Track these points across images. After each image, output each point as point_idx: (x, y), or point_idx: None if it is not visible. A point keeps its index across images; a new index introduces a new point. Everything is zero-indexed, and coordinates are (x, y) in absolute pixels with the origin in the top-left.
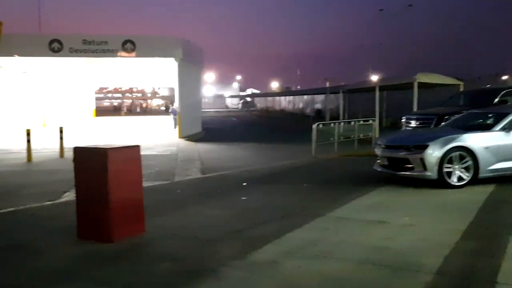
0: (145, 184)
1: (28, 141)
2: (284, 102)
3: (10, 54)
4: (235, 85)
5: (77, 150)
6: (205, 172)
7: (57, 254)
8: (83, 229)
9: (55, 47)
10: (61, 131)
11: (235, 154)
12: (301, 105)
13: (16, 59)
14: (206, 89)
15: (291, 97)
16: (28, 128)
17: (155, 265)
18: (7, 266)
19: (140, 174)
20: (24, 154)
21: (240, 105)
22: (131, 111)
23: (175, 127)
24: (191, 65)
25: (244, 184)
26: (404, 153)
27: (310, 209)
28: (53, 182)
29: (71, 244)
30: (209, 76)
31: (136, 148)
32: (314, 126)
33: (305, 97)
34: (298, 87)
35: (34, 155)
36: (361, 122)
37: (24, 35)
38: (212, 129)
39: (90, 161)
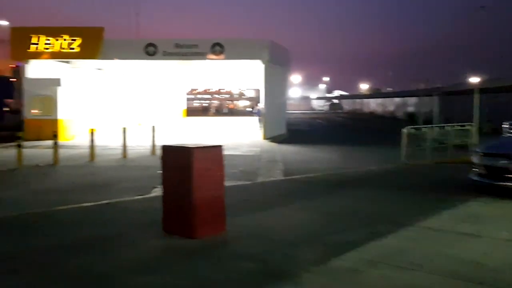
0: (228, 183)
1: (124, 138)
2: (374, 104)
3: (110, 57)
4: (322, 86)
5: (165, 148)
6: (288, 174)
7: (143, 246)
8: (168, 223)
9: (150, 51)
10: (153, 130)
11: (320, 156)
12: (392, 108)
13: (116, 62)
14: (292, 90)
15: (381, 100)
16: (124, 127)
17: (236, 264)
18: (99, 255)
19: (223, 173)
20: (120, 151)
21: (326, 107)
22: (218, 112)
23: (260, 128)
24: (277, 66)
25: (329, 187)
26: (504, 161)
27: (398, 217)
28: (144, 177)
29: (157, 237)
30: (296, 78)
31: (220, 148)
32: (405, 130)
33: (397, 99)
34: (389, 89)
35: (129, 151)
36: (457, 127)
37: (122, 40)
38: (297, 131)
39: (176, 159)
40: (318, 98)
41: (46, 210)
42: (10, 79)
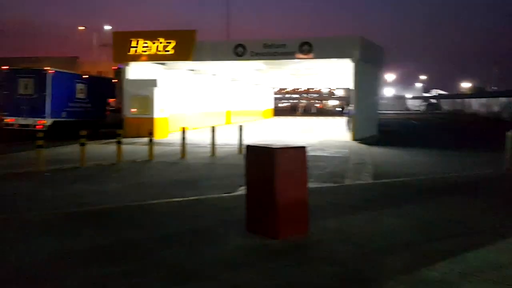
0: (313, 185)
1: (213, 137)
2: (476, 105)
3: (202, 58)
4: (419, 85)
5: (249, 148)
6: (377, 177)
7: (228, 243)
8: (251, 223)
9: (239, 52)
10: (240, 129)
11: (413, 160)
12: (497, 109)
13: (207, 64)
14: (385, 89)
15: (484, 100)
16: (213, 125)
17: (318, 267)
18: (188, 249)
19: (306, 174)
20: (209, 149)
21: (423, 107)
22: (306, 112)
23: (348, 129)
24: (369, 65)
25: (422, 193)
26: None
27: (498, 228)
28: (231, 176)
29: (241, 236)
30: (389, 76)
31: (303, 149)
32: (509, 133)
33: (503, 99)
34: (494, 88)
35: (217, 150)
36: None
37: (213, 41)
38: (389, 132)
39: (259, 159)
40: (414, 98)
41: (140, 204)
42: (113, 80)
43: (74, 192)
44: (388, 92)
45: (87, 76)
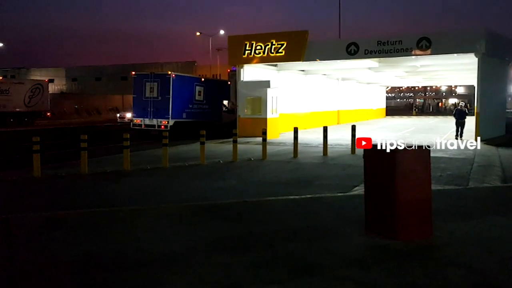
0: (435, 187)
1: (325, 137)
2: None
3: (313, 58)
4: None
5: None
6: (507, 181)
7: (346, 242)
8: (370, 222)
9: (352, 50)
10: (353, 129)
11: None
12: None
13: (317, 63)
14: None
15: None
16: (324, 125)
17: (443, 270)
18: (306, 244)
19: (429, 176)
20: (321, 148)
21: None
22: (423, 111)
23: (457, 134)
24: (495, 59)
25: None
26: None
27: None
28: (344, 175)
29: (359, 235)
30: None
31: (425, 150)
32: None
33: None
34: None
35: (329, 150)
36: None
37: (324, 41)
38: None
39: (378, 160)
40: None
41: (258, 200)
42: (228, 82)
43: (196, 187)
44: None
45: (204, 79)
